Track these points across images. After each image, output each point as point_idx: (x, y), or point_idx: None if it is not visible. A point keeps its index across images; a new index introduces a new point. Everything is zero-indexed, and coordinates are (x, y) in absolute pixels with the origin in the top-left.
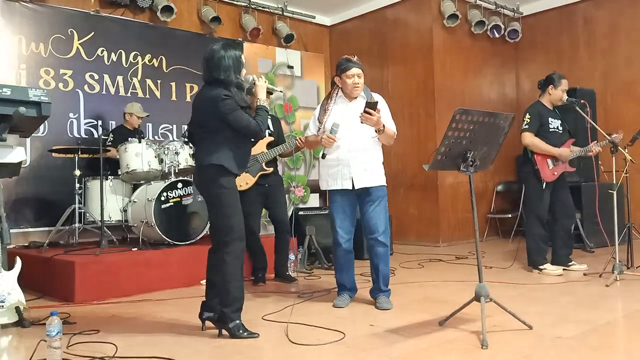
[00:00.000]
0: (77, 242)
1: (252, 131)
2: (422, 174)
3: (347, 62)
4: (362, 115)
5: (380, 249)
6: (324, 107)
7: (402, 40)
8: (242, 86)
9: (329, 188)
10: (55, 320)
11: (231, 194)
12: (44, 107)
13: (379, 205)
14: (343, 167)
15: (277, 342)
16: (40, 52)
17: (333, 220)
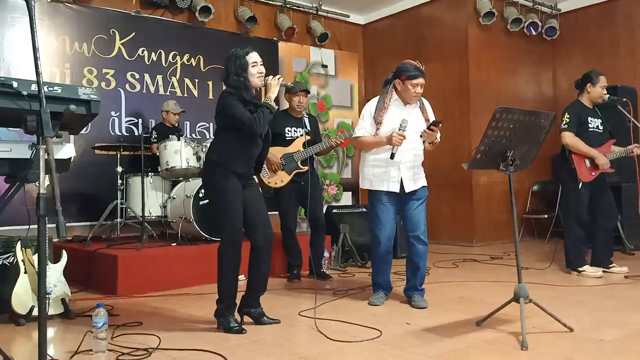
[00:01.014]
0: (118, 236)
1: (246, 126)
2: (456, 173)
3: (416, 70)
4: (425, 132)
5: (421, 247)
6: (380, 107)
7: (436, 38)
8: (245, 85)
9: (373, 188)
10: (102, 312)
11: (226, 191)
12: (93, 105)
13: (421, 204)
14: (392, 169)
15: (314, 338)
16: (84, 52)
17: (376, 220)
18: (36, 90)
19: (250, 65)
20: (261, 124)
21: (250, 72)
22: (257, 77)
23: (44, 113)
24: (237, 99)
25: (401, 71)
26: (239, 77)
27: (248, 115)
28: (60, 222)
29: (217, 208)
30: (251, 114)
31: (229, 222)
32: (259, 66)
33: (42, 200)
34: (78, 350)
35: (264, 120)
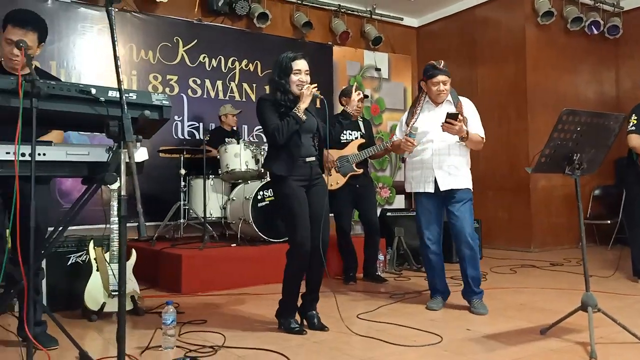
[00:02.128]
0: (181, 236)
1: (269, 135)
2: (513, 176)
3: (433, 69)
4: (444, 125)
5: (467, 251)
6: (411, 112)
7: (492, 39)
8: (283, 88)
9: (412, 190)
10: (171, 309)
11: (288, 197)
12: (165, 110)
13: (463, 206)
14: (427, 170)
15: (373, 341)
16: (149, 59)
17: (419, 222)
18: (113, 97)
19: (293, 71)
20: (284, 133)
21: (291, 78)
22: (296, 84)
23: (126, 119)
24: (271, 103)
25: (423, 74)
26: (280, 79)
27: (274, 125)
28: (141, 223)
29: (282, 214)
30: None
31: (294, 227)
32: (302, 74)
33: (124, 202)
34: (148, 346)
35: (288, 130)
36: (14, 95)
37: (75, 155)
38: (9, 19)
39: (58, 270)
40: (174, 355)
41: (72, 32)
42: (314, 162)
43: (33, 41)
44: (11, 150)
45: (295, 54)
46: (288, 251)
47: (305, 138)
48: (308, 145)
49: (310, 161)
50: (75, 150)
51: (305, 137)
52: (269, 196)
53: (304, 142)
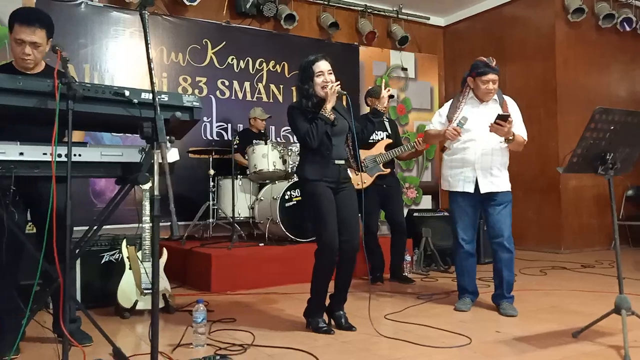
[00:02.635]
0: (210, 236)
1: (301, 138)
2: (543, 176)
3: (485, 67)
4: (492, 126)
5: (505, 254)
6: (454, 105)
7: (520, 37)
8: (307, 93)
9: (450, 189)
10: (201, 307)
11: (317, 198)
12: (196, 111)
13: (504, 209)
14: (468, 169)
15: (401, 342)
16: (179, 61)
17: (454, 222)
18: (145, 98)
19: (315, 74)
20: (315, 136)
21: (315, 81)
22: (320, 86)
23: (159, 120)
24: (299, 110)
25: (472, 69)
26: (303, 85)
27: (304, 130)
28: (174, 222)
29: (310, 214)
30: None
31: (322, 226)
32: (325, 75)
33: (157, 202)
34: (180, 344)
35: (318, 132)
36: (51, 97)
37: (109, 156)
38: (15, 18)
39: (92, 268)
40: (204, 353)
41: (104, 36)
42: (343, 165)
43: (42, 38)
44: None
45: (315, 56)
46: (316, 251)
47: (337, 140)
48: (340, 147)
49: (340, 164)
50: (110, 151)
51: (337, 139)
52: (296, 196)
53: (335, 144)
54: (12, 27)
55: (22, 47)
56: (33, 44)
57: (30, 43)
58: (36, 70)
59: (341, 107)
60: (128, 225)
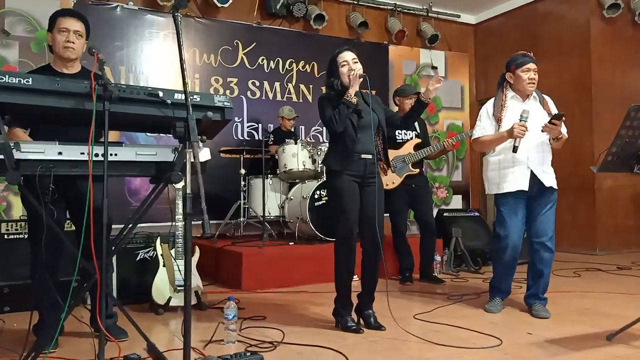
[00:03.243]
0: (241, 234)
1: (326, 124)
2: (577, 176)
3: (524, 57)
4: (546, 126)
5: (547, 254)
6: (498, 105)
7: (554, 34)
8: (334, 85)
9: (502, 191)
10: (232, 304)
11: (339, 191)
12: (227, 111)
13: (551, 209)
14: (521, 167)
15: (430, 342)
16: (211, 63)
17: (505, 225)
18: (178, 99)
19: (340, 65)
20: (337, 120)
21: (340, 72)
22: (346, 75)
23: (191, 120)
24: (328, 100)
25: (510, 63)
26: (329, 78)
27: (329, 114)
28: (205, 220)
29: (331, 208)
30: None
31: (340, 220)
32: (349, 64)
33: (189, 200)
34: (211, 340)
35: (341, 115)
36: (88, 98)
37: (144, 155)
38: (58, 13)
39: (128, 265)
40: (235, 350)
41: (139, 38)
42: (369, 159)
43: (83, 30)
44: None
45: (339, 50)
46: (335, 243)
47: (363, 133)
48: (366, 142)
49: (366, 158)
50: (144, 150)
51: (364, 133)
52: (325, 196)
53: (361, 137)
54: (54, 22)
55: (66, 35)
56: (76, 32)
57: (74, 32)
58: (73, 71)
59: (375, 102)
60: (162, 223)
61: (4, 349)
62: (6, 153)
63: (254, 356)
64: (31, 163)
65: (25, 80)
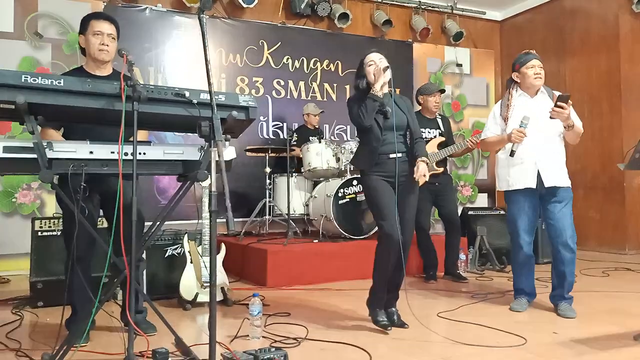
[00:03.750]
0: (267, 232)
1: (354, 120)
2: (605, 174)
3: (526, 55)
4: (554, 110)
5: (567, 254)
6: (504, 104)
7: (582, 30)
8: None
9: (511, 188)
10: (257, 301)
11: (374, 191)
12: (251, 111)
13: (565, 207)
14: (528, 165)
15: (454, 340)
16: (237, 63)
17: (514, 222)
18: (204, 99)
19: (367, 65)
20: (365, 114)
21: (367, 71)
22: (371, 74)
23: (216, 119)
24: (355, 100)
25: (514, 63)
26: (356, 79)
27: (356, 110)
28: (229, 217)
29: (370, 207)
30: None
31: (382, 218)
32: (376, 63)
33: (214, 197)
34: (237, 335)
35: (368, 110)
36: (117, 99)
37: (171, 154)
38: (90, 16)
39: (156, 262)
40: (260, 345)
41: (167, 39)
42: (400, 158)
43: (114, 33)
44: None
45: (367, 53)
46: (378, 240)
47: (389, 134)
48: (393, 141)
49: (395, 157)
50: (172, 149)
51: (389, 133)
52: (349, 194)
53: (387, 137)
54: (87, 24)
55: (101, 38)
56: (109, 35)
57: (107, 34)
58: (105, 73)
59: (402, 104)
60: (189, 221)
61: (37, 342)
62: (39, 152)
63: (279, 351)
64: (63, 162)
65: (57, 82)
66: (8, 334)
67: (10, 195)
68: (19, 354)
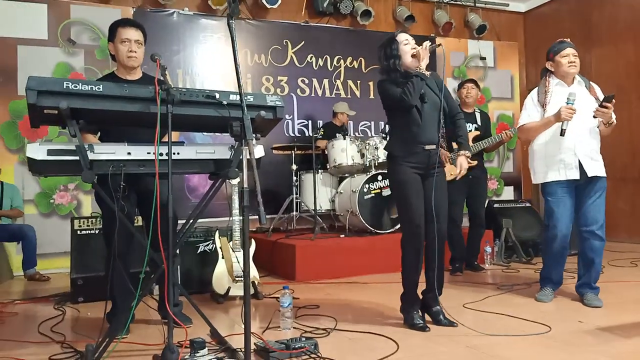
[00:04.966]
0: (294, 228)
1: (398, 100)
2: (635, 164)
3: (561, 43)
4: (598, 110)
5: (597, 242)
6: (542, 91)
7: (609, 19)
8: (394, 66)
9: (549, 180)
10: (287, 293)
11: (403, 185)
12: (279, 110)
13: (600, 197)
14: (567, 155)
15: (481, 330)
16: (262, 62)
17: (552, 214)
18: (234, 100)
19: (402, 44)
20: (412, 93)
21: (403, 50)
22: (410, 54)
23: (246, 119)
24: (390, 82)
25: (548, 52)
26: (389, 60)
27: (399, 90)
28: (261, 211)
29: (396, 200)
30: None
31: (407, 216)
32: (411, 43)
33: (246, 193)
34: (269, 326)
35: (415, 89)
36: (152, 102)
37: (203, 153)
38: (117, 24)
39: (189, 258)
40: (291, 335)
41: (195, 42)
42: (433, 150)
43: (142, 38)
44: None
45: (392, 34)
46: (402, 239)
47: (429, 119)
48: (431, 129)
49: (430, 149)
50: (204, 149)
51: (427, 118)
52: (374, 189)
53: (426, 123)
54: (115, 32)
55: (129, 45)
56: (137, 42)
57: (134, 41)
58: (135, 77)
59: (433, 84)
60: (219, 218)
61: (80, 335)
62: (82, 154)
63: (309, 341)
64: (103, 163)
65: (97, 88)
66: (52, 328)
67: (48, 196)
68: (64, 346)
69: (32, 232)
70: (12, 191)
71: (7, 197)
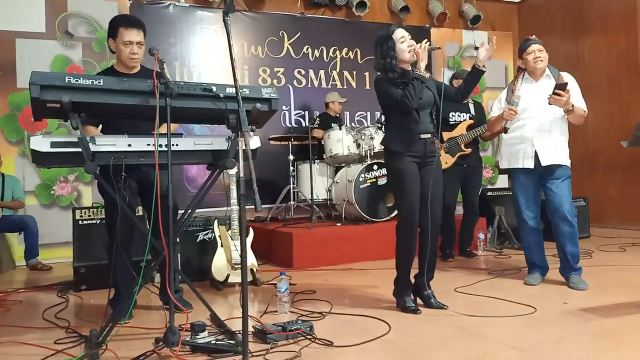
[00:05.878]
0: (292, 217)
1: (399, 103)
2: (625, 153)
3: (525, 42)
4: (551, 97)
5: (566, 227)
6: (510, 88)
7: (600, 9)
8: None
9: (510, 166)
10: (284, 279)
11: (400, 173)
12: (274, 102)
13: (562, 183)
14: (527, 145)
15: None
16: (258, 54)
17: (516, 199)
18: (230, 93)
19: (398, 42)
20: (413, 97)
21: (400, 48)
22: (407, 51)
23: (242, 112)
24: (388, 80)
25: (519, 52)
26: (385, 59)
27: (400, 93)
28: (257, 199)
29: (393, 188)
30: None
31: (404, 203)
32: (407, 40)
33: (242, 182)
34: (266, 311)
35: (415, 93)
36: (151, 95)
37: (201, 144)
38: (120, 23)
39: (189, 246)
40: (288, 318)
41: (191, 34)
42: (429, 139)
43: (143, 39)
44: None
45: (389, 29)
46: (397, 226)
47: (424, 114)
48: (426, 121)
49: (426, 138)
50: (202, 140)
51: (424, 113)
52: (369, 178)
53: (422, 118)
54: (116, 31)
55: (131, 47)
56: (139, 44)
57: (137, 43)
58: (134, 70)
59: (432, 86)
60: (218, 208)
61: (84, 321)
62: (84, 146)
63: (305, 323)
64: (105, 154)
65: (98, 82)
66: (57, 314)
67: (48, 187)
68: (68, 331)
69: (33, 222)
70: (13, 183)
71: (8, 188)
